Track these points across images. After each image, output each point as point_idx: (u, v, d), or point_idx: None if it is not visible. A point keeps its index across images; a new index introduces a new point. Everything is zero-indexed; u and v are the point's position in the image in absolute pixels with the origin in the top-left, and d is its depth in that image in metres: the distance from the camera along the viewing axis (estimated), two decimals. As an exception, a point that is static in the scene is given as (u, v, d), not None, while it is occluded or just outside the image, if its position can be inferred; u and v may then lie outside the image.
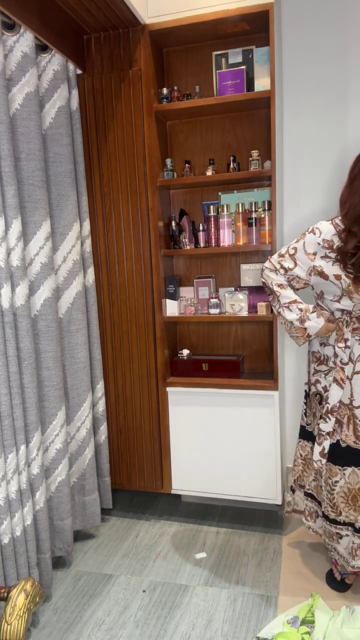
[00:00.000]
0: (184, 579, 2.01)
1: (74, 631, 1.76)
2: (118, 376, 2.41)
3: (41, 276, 1.88)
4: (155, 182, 2.27)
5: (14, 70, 1.74)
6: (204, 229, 2.35)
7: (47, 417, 1.96)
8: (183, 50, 2.39)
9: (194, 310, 2.40)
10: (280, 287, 1.77)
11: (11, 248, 1.68)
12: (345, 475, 1.76)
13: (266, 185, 2.37)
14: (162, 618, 1.80)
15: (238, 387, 2.28)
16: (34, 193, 1.83)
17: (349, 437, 1.73)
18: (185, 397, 2.37)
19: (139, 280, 2.31)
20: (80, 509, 2.24)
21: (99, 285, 2.36)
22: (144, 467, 2.46)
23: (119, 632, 1.74)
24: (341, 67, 2.31)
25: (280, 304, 1.78)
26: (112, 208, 2.29)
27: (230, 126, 2.41)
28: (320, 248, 1.67)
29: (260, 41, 2.22)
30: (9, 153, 1.65)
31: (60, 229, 2.03)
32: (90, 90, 2.23)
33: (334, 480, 1.78)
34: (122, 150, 2.24)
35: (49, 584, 1.91)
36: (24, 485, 1.75)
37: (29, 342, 1.75)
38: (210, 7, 2.08)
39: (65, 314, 2.09)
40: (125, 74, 2.18)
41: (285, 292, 1.76)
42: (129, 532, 2.35)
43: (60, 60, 1.98)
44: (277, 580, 1.97)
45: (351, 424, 1.73)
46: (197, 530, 2.34)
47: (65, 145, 2.01)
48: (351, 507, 1.76)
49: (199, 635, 1.72)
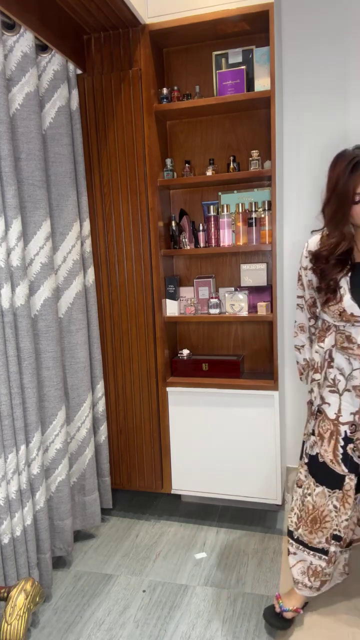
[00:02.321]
0: (184, 579, 2.01)
1: (74, 631, 1.76)
2: (118, 376, 2.41)
3: (41, 276, 1.88)
4: (155, 182, 2.27)
5: (14, 70, 1.74)
6: (204, 229, 2.35)
7: (47, 417, 1.96)
8: (183, 50, 2.39)
9: (194, 310, 2.39)
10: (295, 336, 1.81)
11: (11, 248, 1.68)
12: (314, 492, 1.63)
13: (266, 185, 2.37)
14: (162, 618, 1.80)
15: (238, 387, 2.28)
16: (34, 193, 1.83)
17: (327, 453, 1.59)
18: (185, 397, 2.37)
19: (139, 280, 2.31)
20: (80, 509, 2.24)
21: (99, 285, 2.36)
22: (144, 467, 2.46)
23: (119, 632, 1.74)
24: (341, 68, 2.31)
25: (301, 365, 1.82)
26: (112, 208, 2.29)
27: (230, 126, 2.41)
28: (308, 261, 1.63)
29: (260, 41, 2.22)
30: (9, 153, 1.65)
31: (60, 229, 2.03)
32: (90, 90, 2.23)
33: (307, 491, 1.66)
34: (122, 150, 2.24)
35: (49, 584, 1.91)
36: (24, 485, 1.75)
37: (29, 342, 1.75)
38: (210, 7, 2.08)
39: (65, 314, 2.09)
40: (125, 74, 2.18)
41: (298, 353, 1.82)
42: (129, 532, 2.35)
43: (60, 60, 1.98)
44: (277, 580, 1.97)
45: (333, 440, 1.59)
46: (197, 530, 2.34)
47: (65, 145, 2.01)
48: (308, 528, 1.64)
49: (199, 635, 1.72)
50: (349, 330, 1.54)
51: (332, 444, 1.59)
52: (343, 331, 1.56)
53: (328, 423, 1.60)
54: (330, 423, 1.59)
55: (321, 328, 1.65)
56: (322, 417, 1.62)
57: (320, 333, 1.65)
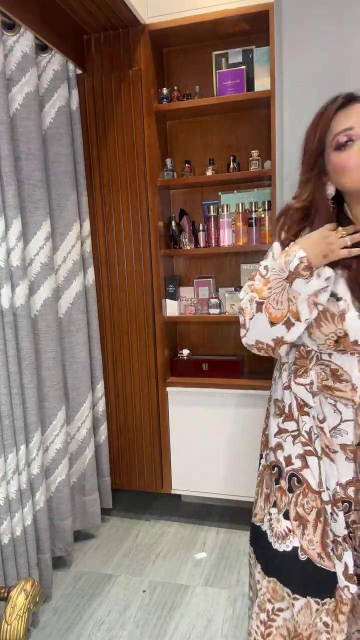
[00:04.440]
0: (184, 579, 2.01)
1: (74, 631, 1.76)
2: (118, 376, 2.41)
3: (41, 276, 1.87)
4: (155, 182, 2.27)
5: (14, 70, 1.74)
6: (204, 229, 2.35)
7: (47, 417, 1.96)
8: (183, 50, 2.39)
9: (194, 310, 2.39)
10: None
11: (11, 248, 1.68)
12: (295, 607, 1.09)
13: (266, 185, 2.37)
14: (162, 618, 1.80)
15: (238, 387, 2.28)
16: (34, 193, 1.83)
17: (314, 545, 1.07)
18: (185, 397, 2.37)
19: (139, 280, 2.31)
20: (80, 509, 2.24)
21: (99, 285, 2.36)
22: (144, 467, 2.46)
23: (119, 632, 1.74)
24: (342, 68, 2.31)
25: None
26: (112, 208, 2.29)
27: (230, 126, 2.41)
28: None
29: (260, 41, 2.22)
30: (9, 153, 1.65)
31: (60, 229, 2.03)
32: (90, 90, 2.23)
33: (276, 606, 1.12)
34: (122, 150, 2.24)
35: (49, 584, 1.91)
36: (24, 485, 1.75)
37: (29, 342, 1.75)
38: (210, 7, 2.08)
39: (65, 314, 2.09)
40: (125, 74, 2.18)
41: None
42: (129, 532, 2.35)
43: (60, 60, 1.98)
44: (277, 580, 1.97)
45: (320, 523, 1.08)
46: (197, 530, 2.34)
47: (65, 145, 2.01)
48: None
49: (199, 635, 1.72)
50: (337, 361, 1.06)
51: (319, 530, 1.08)
52: (328, 362, 1.07)
53: (312, 498, 1.09)
54: (316, 498, 1.09)
55: (300, 355, 1.13)
56: (301, 490, 1.10)
57: (301, 362, 1.12)
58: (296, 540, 1.09)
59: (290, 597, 1.09)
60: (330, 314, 1.02)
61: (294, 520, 1.09)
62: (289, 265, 1.01)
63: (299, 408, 1.11)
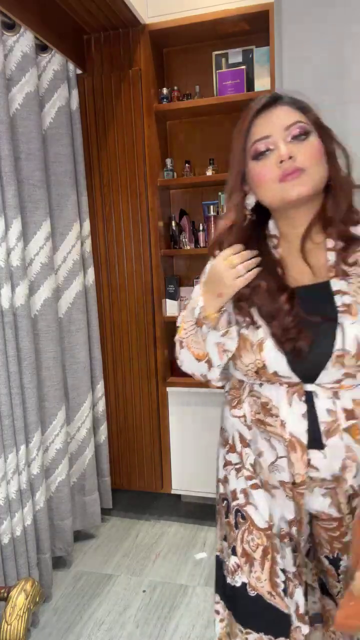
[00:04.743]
0: (184, 579, 2.01)
1: (74, 631, 1.76)
2: (118, 376, 2.41)
3: (41, 276, 1.87)
4: (155, 182, 2.27)
5: (14, 70, 1.74)
6: (204, 229, 2.35)
7: (47, 417, 1.96)
8: (183, 50, 2.39)
9: (194, 310, 2.39)
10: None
11: (11, 248, 1.68)
12: None
13: (266, 185, 2.36)
14: (162, 618, 1.80)
15: (238, 387, 2.28)
16: (34, 193, 1.83)
17: (262, 583, 1.01)
18: (185, 397, 2.37)
19: (139, 280, 2.31)
20: (80, 509, 2.24)
21: (99, 285, 2.36)
22: (144, 467, 2.46)
23: (119, 632, 1.74)
24: (342, 68, 2.31)
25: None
26: (112, 208, 2.29)
27: (230, 126, 2.37)
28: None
29: (260, 41, 2.22)
30: (9, 153, 1.65)
31: (60, 229, 2.03)
32: (90, 90, 2.23)
33: None
34: (122, 150, 2.24)
35: (49, 584, 1.91)
36: (24, 485, 1.75)
37: (29, 342, 1.75)
38: (210, 7, 2.08)
39: (65, 314, 2.09)
40: (125, 74, 2.18)
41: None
42: (129, 532, 2.35)
43: (60, 60, 1.98)
44: (277, 580, 1.97)
45: (267, 561, 1.01)
46: (197, 530, 2.34)
47: (65, 145, 2.01)
48: None
49: (199, 635, 1.72)
50: (266, 392, 0.97)
51: (267, 567, 1.01)
52: (259, 394, 0.99)
53: (258, 535, 1.02)
54: (262, 535, 1.02)
55: (233, 385, 1.08)
56: (246, 527, 1.04)
57: (234, 392, 1.07)
58: (244, 577, 1.03)
59: (243, 632, 1.03)
60: (249, 343, 0.95)
61: (241, 557, 1.03)
62: (195, 312, 0.99)
63: (241, 439, 1.04)
